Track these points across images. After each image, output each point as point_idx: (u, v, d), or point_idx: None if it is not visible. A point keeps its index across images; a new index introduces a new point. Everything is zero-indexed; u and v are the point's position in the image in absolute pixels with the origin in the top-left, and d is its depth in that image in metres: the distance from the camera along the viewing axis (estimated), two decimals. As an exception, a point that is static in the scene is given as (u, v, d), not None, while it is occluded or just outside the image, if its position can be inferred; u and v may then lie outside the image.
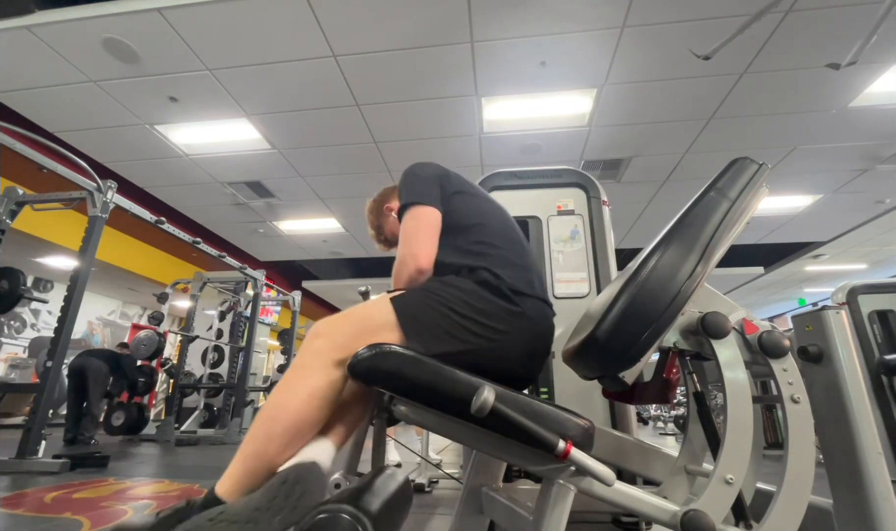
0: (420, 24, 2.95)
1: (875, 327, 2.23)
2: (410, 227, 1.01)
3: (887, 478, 0.79)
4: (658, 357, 0.92)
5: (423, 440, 2.72)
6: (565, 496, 0.70)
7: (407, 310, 0.88)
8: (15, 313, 6.77)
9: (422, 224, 1.01)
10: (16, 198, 3.34)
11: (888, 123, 3.86)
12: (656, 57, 3.20)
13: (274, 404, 0.81)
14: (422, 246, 0.99)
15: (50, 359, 3.05)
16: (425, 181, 1.08)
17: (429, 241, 0.99)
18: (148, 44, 3.11)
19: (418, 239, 0.99)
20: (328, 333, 0.84)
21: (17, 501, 2.00)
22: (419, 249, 0.98)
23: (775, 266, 7.54)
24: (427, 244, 0.99)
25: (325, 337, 0.84)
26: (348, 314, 0.89)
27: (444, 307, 0.89)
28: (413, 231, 1.01)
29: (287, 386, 0.82)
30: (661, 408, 9.31)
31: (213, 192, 5.30)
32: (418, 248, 0.98)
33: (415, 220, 1.01)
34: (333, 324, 0.86)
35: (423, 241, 0.99)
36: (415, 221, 1.01)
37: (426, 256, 0.97)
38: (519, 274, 0.98)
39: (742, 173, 0.86)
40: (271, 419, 0.80)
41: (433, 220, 1.02)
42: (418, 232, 1.00)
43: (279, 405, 0.80)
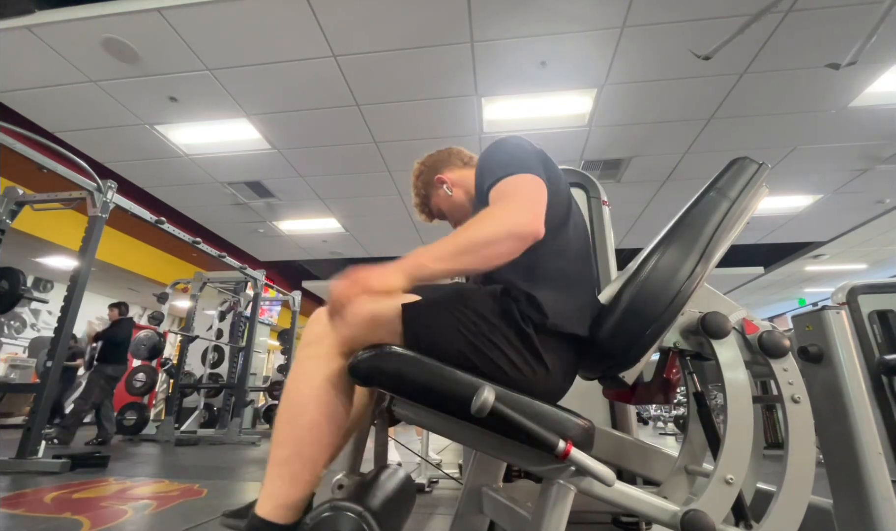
0: (420, 24, 2.95)
1: (875, 327, 2.23)
2: (533, 189, 0.80)
3: (887, 478, 0.79)
4: (658, 357, 0.92)
5: (423, 440, 2.72)
6: (565, 496, 0.70)
7: (415, 326, 0.77)
8: (15, 313, 6.77)
9: (541, 194, 0.80)
10: (16, 198, 3.35)
11: (888, 123, 3.86)
12: (656, 57, 3.20)
13: (290, 403, 0.76)
14: (542, 211, 0.78)
15: (50, 359, 3.05)
16: (536, 156, 0.89)
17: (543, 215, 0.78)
18: (148, 44, 3.11)
19: (539, 204, 0.79)
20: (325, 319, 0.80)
21: (17, 501, 2.00)
22: (541, 212, 0.77)
23: (775, 266, 7.54)
24: (543, 215, 0.78)
25: (324, 322, 0.80)
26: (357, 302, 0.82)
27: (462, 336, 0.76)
28: (533, 193, 0.80)
29: (298, 380, 0.77)
30: (661, 408, 9.31)
31: (213, 192, 5.29)
32: (540, 210, 0.78)
33: (533, 185, 0.81)
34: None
35: (542, 208, 0.78)
36: (533, 185, 0.80)
37: (541, 229, 0.76)
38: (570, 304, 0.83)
39: (742, 173, 0.86)
40: (293, 419, 0.74)
41: (545, 197, 0.81)
42: (538, 198, 0.79)
43: (296, 402, 0.75)
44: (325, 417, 0.74)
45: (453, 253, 0.73)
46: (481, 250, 0.73)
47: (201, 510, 1.89)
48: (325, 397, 0.75)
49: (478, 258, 0.73)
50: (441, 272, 0.73)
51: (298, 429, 0.74)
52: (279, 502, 0.71)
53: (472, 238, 0.73)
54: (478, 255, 0.73)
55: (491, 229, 0.74)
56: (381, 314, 0.78)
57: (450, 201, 1.12)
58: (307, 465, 0.73)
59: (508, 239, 0.74)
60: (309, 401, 0.75)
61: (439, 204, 1.13)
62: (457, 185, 1.11)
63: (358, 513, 0.66)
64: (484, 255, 0.73)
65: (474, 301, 0.79)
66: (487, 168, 0.89)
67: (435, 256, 0.73)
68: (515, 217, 0.75)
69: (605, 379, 0.92)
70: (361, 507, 0.67)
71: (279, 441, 0.74)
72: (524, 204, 0.78)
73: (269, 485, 0.72)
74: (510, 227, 0.74)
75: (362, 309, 0.79)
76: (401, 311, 0.78)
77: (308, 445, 0.73)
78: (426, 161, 1.17)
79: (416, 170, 1.18)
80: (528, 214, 0.76)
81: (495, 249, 0.74)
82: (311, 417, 0.74)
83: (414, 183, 1.18)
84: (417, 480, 2.34)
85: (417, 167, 1.18)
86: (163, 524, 1.68)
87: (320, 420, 0.74)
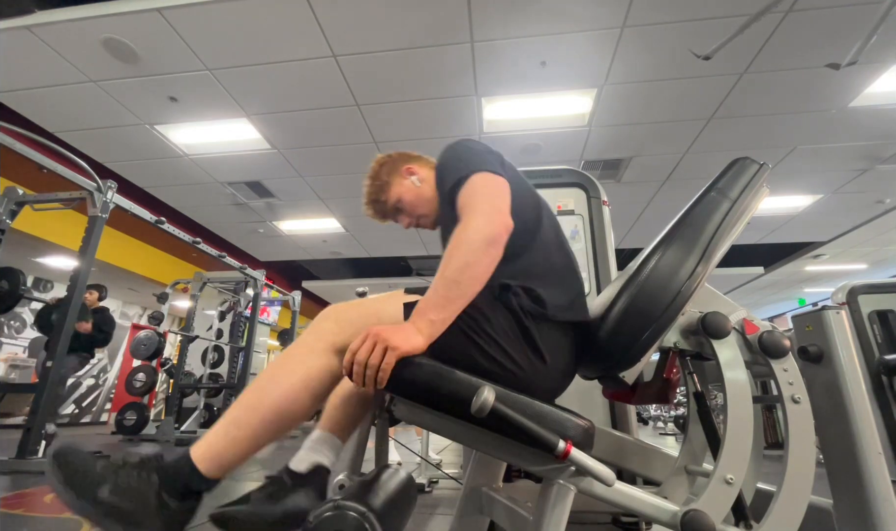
0: (420, 24, 2.95)
1: (875, 327, 2.23)
2: (493, 186, 0.83)
3: (887, 478, 0.79)
4: (658, 357, 0.92)
5: (423, 440, 2.72)
6: (565, 496, 0.70)
7: None
8: (15, 313, 6.77)
9: (504, 191, 0.83)
10: (16, 198, 3.35)
11: (888, 123, 3.86)
12: (656, 57, 3.20)
13: (269, 376, 0.77)
14: (507, 208, 0.80)
15: (50, 359, 3.05)
16: (492, 154, 0.92)
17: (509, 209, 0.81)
18: (148, 44, 3.11)
19: (501, 199, 0.81)
20: (336, 318, 0.80)
21: (17, 501, 2.00)
22: (506, 209, 0.80)
23: (775, 266, 7.54)
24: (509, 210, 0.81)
25: (332, 321, 0.80)
26: (359, 304, 0.84)
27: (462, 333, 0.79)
28: (496, 189, 0.82)
29: (285, 360, 0.78)
30: (661, 408, 9.31)
31: (213, 192, 5.29)
32: (504, 205, 0.80)
33: (496, 184, 0.83)
34: (343, 311, 0.82)
35: (507, 205, 0.81)
36: (496, 184, 0.83)
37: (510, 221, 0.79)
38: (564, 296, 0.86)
39: (742, 173, 0.86)
40: (262, 390, 0.75)
41: (508, 192, 0.84)
42: (501, 195, 0.82)
43: (273, 377, 0.76)
44: (288, 403, 0.75)
45: (448, 290, 0.74)
46: (470, 271, 0.75)
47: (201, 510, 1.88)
48: (299, 385, 0.75)
49: (471, 280, 0.75)
50: (449, 316, 0.75)
51: (261, 402, 0.74)
52: (211, 454, 0.73)
53: (457, 266, 0.75)
54: (469, 277, 0.75)
55: (468, 247, 0.75)
56: (383, 315, 0.80)
57: (416, 191, 1.11)
58: (252, 438, 0.74)
59: (487, 247, 0.76)
60: (283, 382, 0.75)
61: (402, 194, 1.11)
62: (425, 181, 1.11)
63: (361, 512, 0.66)
64: (474, 275, 0.75)
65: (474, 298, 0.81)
66: (446, 169, 0.91)
67: (436, 305, 0.74)
68: (483, 223, 0.77)
69: (605, 379, 0.92)
70: (364, 507, 0.67)
71: (240, 401, 0.76)
72: (488, 205, 0.79)
73: (212, 434, 0.74)
74: (484, 235, 0.76)
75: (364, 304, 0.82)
76: (402, 311, 0.80)
77: (261, 420, 0.74)
78: (391, 155, 1.17)
79: (381, 159, 1.17)
80: (494, 214, 0.78)
81: (481, 263, 0.75)
82: (277, 397, 0.74)
83: (374, 172, 1.15)
84: (417, 480, 2.34)
85: (382, 158, 1.17)
86: (163, 524, 1.68)
87: (283, 404, 0.74)
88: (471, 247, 0.75)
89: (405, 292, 0.86)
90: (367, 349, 0.70)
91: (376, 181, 1.15)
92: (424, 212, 1.11)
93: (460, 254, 0.75)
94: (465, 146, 0.93)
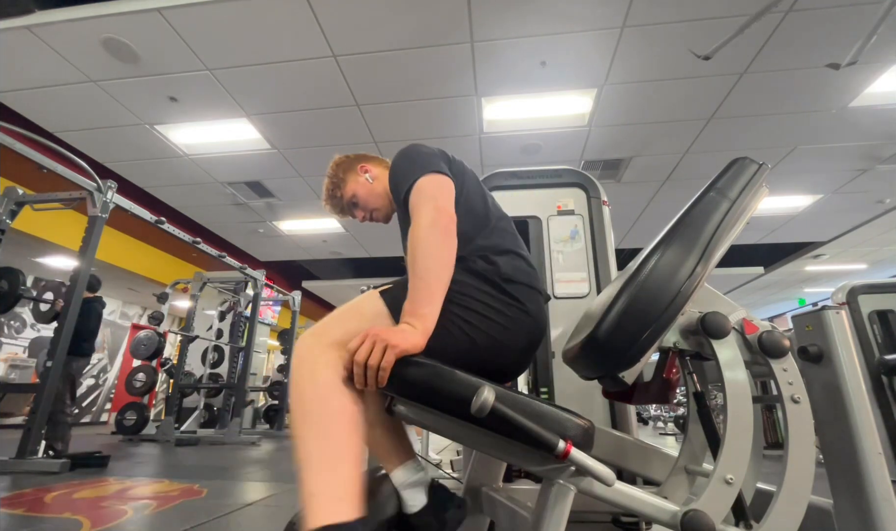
0: (420, 24, 2.95)
1: (875, 327, 2.23)
2: (434, 186, 0.91)
3: (887, 478, 0.79)
4: (658, 357, 0.92)
5: (423, 440, 2.72)
6: (565, 496, 0.70)
7: (397, 304, 0.82)
8: (15, 313, 6.77)
9: (445, 188, 0.92)
10: (16, 198, 3.35)
11: (888, 123, 3.86)
12: (656, 57, 3.20)
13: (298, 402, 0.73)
14: (449, 203, 0.90)
15: (50, 359, 3.06)
16: (436, 156, 1.01)
17: (453, 204, 0.92)
18: (148, 44, 3.11)
19: (445, 196, 0.91)
20: (320, 334, 0.79)
21: (17, 501, 2.00)
22: (449, 204, 0.90)
23: (775, 266, 7.54)
24: (452, 204, 0.91)
25: (316, 336, 0.79)
26: (335, 314, 0.84)
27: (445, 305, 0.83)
28: (438, 189, 0.91)
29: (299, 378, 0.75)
30: (661, 408, 9.31)
31: (213, 192, 5.30)
32: (447, 202, 0.90)
33: (438, 183, 0.92)
34: (322, 326, 0.81)
35: (449, 200, 0.91)
36: (438, 183, 0.92)
37: (452, 212, 0.89)
38: (513, 261, 0.95)
39: (742, 173, 0.86)
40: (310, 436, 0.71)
41: (452, 189, 0.94)
42: (443, 192, 0.91)
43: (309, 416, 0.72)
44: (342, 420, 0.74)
45: (424, 282, 0.79)
46: (436, 260, 0.81)
47: (201, 510, 1.89)
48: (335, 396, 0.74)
49: (441, 266, 0.82)
50: (435, 307, 0.79)
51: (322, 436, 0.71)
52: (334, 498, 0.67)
53: (424, 258, 0.81)
54: (438, 265, 0.81)
55: (426, 242, 0.82)
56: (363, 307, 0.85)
57: (368, 188, 1.20)
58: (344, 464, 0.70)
59: (441, 235, 0.83)
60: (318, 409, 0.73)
61: (356, 190, 1.20)
62: (377, 178, 1.20)
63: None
64: (442, 262, 0.82)
65: None
66: (397, 177, 0.99)
67: (422, 300, 0.78)
68: (431, 217, 0.84)
69: (604, 379, 0.92)
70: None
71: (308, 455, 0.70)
72: (432, 203, 0.87)
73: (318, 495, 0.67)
74: (435, 227, 0.83)
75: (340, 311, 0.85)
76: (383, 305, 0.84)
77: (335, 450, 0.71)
78: (349, 155, 1.27)
79: (338, 159, 1.25)
80: (440, 207, 0.86)
81: (441, 249, 0.83)
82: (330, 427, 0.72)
83: (332, 170, 1.24)
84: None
85: (339, 158, 1.26)
86: (163, 524, 1.68)
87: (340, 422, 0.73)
88: (427, 239, 0.82)
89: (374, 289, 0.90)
90: (366, 349, 0.71)
91: (333, 179, 1.24)
92: (376, 206, 1.20)
93: (422, 248, 0.82)
94: (415, 150, 1.01)
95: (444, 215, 0.86)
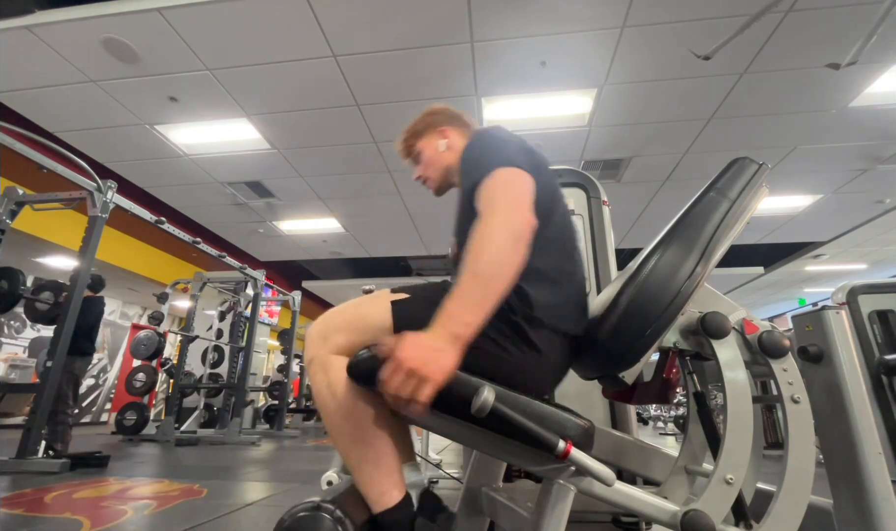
0: (420, 24, 2.95)
1: (875, 327, 2.23)
2: (515, 183, 0.80)
3: (887, 478, 0.79)
4: (658, 357, 0.92)
5: (423, 440, 2.72)
6: (565, 496, 0.70)
7: (405, 319, 0.79)
8: (15, 313, 6.77)
9: (527, 187, 0.81)
10: (16, 198, 3.35)
11: (888, 123, 3.86)
12: (656, 57, 3.20)
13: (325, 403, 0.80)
14: (529, 206, 0.78)
15: (50, 359, 3.05)
16: (518, 147, 0.90)
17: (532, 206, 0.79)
18: (148, 44, 3.11)
19: (525, 197, 0.79)
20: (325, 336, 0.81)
21: (17, 501, 2.00)
22: (528, 207, 0.78)
23: (775, 266, 7.54)
24: (531, 207, 0.78)
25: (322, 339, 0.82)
26: (344, 307, 0.84)
27: None
28: (518, 187, 0.80)
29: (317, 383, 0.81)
30: (661, 408, 9.31)
31: (213, 192, 5.29)
32: (527, 205, 0.78)
33: (520, 180, 0.81)
34: (328, 323, 0.82)
35: (529, 203, 0.79)
36: (520, 180, 0.81)
37: (532, 218, 0.77)
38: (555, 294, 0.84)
39: (742, 173, 0.86)
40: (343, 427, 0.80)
41: (532, 189, 0.82)
42: (524, 191, 0.80)
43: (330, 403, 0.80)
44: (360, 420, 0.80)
45: (481, 286, 0.70)
46: (502, 269, 0.71)
47: (201, 510, 1.89)
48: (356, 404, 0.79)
49: (503, 278, 0.71)
50: (480, 318, 0.69)
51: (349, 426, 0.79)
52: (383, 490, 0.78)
53: (489, 263, 0.71)
54: (501, 275, 0.71)
55: (497, 246, 0.72)
56: (370, 319, 0.82)
57: (437, 155, 1.12)
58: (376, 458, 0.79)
59: (515, 244, 0.73)
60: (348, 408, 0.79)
61: (425, 149, 1.13)
62: (451, 150, 1.11)
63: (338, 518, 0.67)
64: (505, 274, 0.71)
65: None
66: (471, 161, 0.88)
67: (472, 306, 0.69)
68: (508, 220, 0.74)
69: (604, 379, 0.92)
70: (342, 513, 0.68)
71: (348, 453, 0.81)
72: (512, 202, 0.77)
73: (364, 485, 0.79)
74: (510, 232, 0.73)
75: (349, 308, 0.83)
76: (391, 312, 0.81)
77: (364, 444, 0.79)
78: (447, 111, 1.18)
79: (434, 109, 1.18)
80: (518, 211, 0.76)
81: (511, 261, 0.72)
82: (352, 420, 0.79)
83: (420, 116, 1.17)
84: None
85: (436, 108, 1.18)
86: (163, 524, 1.68)
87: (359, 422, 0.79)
88: (499, 244, 0.72)
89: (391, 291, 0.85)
90: (398, 383, 0.65)
91: (417, 125, 1.17)
92: (433, 176, 1.13)
93: (490, 247, 0.72)
94: (496, 135, 0.92)
95: (523, 219, 0.75)
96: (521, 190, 0.80)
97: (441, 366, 0.66)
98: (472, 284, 0.70)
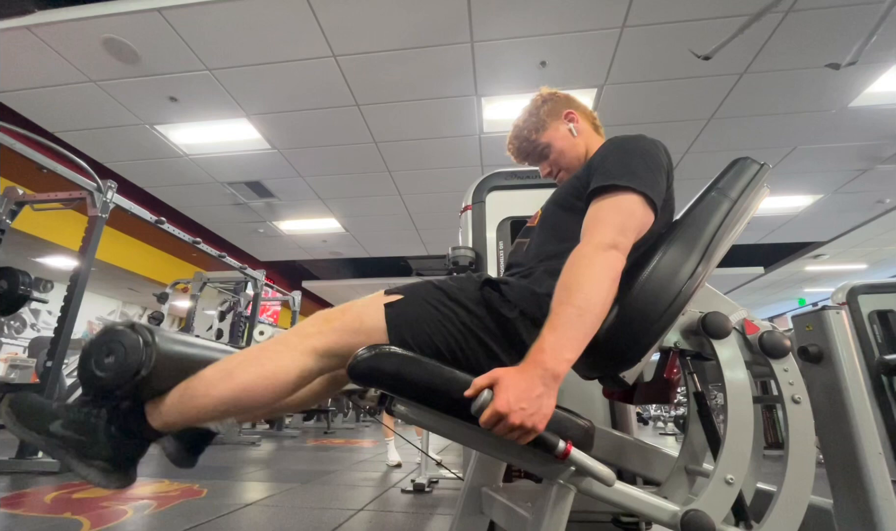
0: (420, 24, 2.95)
1: (875, 327, 2.22)
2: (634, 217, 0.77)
3: (887, 478, 0.79)
4: (658, 357, 0.92)
5: (423, 440, 2.72)
6: (565, 496, 0.70)
7: (399, 324, 0.78)
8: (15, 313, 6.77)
9: (641, 225, 0.79)
10: (16, 198, 3.34)
11: (888, 123, 3.86)
12: (656, 57, 3.20)
13: (244, 358, 0.77)
14: (630, 246, 0.76)
15: (50, 359, 3.05)
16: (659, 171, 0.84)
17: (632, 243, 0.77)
18: (148, 44, 3.11)
19: (632, 237, 0.77)
20: (321, 323, 0.80)
21: (17, 501, 2.00)
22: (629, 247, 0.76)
23: (775, 266, 7.54)
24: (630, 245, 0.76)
25: (317, 324, 0.79)
26: (343, 311, 0.82)
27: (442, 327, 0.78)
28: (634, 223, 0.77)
29: (265, 350, 0.78)
30: (661, 408, 9.30)
31: (213, 192, 5.30)
32: (629, 245, 0.76)
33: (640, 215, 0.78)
34: (328, 317, 0.81)
35: (632, 242, 0.76)
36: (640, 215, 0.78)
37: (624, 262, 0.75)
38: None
39: (743, 173, 0.86)
40: (231, 370, 0.76)
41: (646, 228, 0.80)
42: (636, 230, 0.78)
43: (246, 361, 0.77)
44: (247, 393, 0.75)
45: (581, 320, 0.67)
46: (597, 302, 0.69)
47: (201, 510, 1.89)
48: (264, 379, 0.75)
49: (600, 310, 0.70)
50: (577, 355, 0.68)
51: (223, 380, 0.75)
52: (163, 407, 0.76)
53: (590, 292, 0.69)
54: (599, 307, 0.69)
55: (598, 276, 0.70)
56: (365, 322, 0.79)
57: (569, 141, 1.03)
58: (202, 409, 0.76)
59: (613, 284, 0.72)
60: (252, 370, 0.76)
61: (554, 139, 1.03)
62: (581, 133, 1.03)
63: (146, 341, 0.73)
64: (602, 314, 0.70)
65: (455, 292, 0.81)
66: (603, 162, 0.84)
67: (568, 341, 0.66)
68: (615, 260, 0.73)
69: (605, 379, 0.92)
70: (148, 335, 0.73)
71: (211, 370, 0.76)
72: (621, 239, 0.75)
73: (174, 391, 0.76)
74: (614, 272, 0.72)
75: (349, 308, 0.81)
76: (384, 316, 0.79)
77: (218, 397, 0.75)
78: (558, 93, 1.08)
79: (546, 95, 1.07)
80: (623, 251, 0.74)
81: (608, 294, 0.71)
82: (241, 382, 0.75)
83: (534, 107, 1.06)
84: (418, 480, 2.34)
85: (547, 93, 1.08)
86: (163, 524, 1.68)
87: (242, 392, 0.75)
88: (600, 273, 0.71)
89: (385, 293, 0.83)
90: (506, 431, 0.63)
91: (534, 118, 1.05)
92: (568, 165, 1.04)
93: (592, 278, 0.70)
94: (645, 147, 0.86)
95: (620, 259, 0.73)
96: (635, 224, 0.78)
97: (545, 415, 0.64)
98: (574, 318, 0.67)
